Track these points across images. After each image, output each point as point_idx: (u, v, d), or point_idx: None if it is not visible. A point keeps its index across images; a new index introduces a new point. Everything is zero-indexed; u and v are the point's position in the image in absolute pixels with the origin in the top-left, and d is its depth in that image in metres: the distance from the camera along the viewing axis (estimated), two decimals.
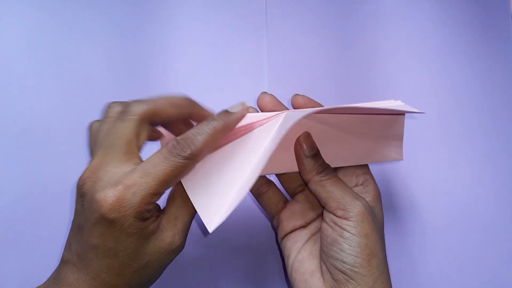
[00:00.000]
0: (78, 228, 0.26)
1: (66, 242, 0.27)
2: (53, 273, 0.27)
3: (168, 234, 0.27)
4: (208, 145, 0.26)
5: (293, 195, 0.36)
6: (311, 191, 0.32)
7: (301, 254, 0.33)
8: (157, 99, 0.28)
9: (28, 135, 0.39)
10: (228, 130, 0.27)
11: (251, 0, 0.43)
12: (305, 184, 0.32)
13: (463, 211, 0.42)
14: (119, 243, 0.25)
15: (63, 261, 0.26)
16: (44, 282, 0.27)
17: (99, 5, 0.41)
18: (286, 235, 0.34)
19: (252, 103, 0.38)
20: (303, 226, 0.34)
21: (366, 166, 0.35)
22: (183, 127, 0.31)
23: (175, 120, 0.29)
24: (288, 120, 0.28)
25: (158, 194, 0.25)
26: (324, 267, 0.31)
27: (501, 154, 0.44)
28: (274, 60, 0.42)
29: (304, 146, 0.31)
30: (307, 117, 0.29)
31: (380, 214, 0.33)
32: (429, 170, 0.42)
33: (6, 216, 0.38)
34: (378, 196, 0.33)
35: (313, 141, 0.32)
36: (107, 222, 0.24)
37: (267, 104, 0.33)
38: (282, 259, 0.39)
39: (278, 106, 0.34)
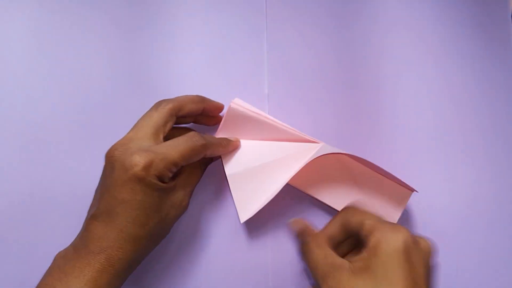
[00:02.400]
0: (106, 188, 0.31)
1: (91, 205, 0.32)
2: (79, 234, 0.31)
3: (180, 193, 0.33)
4: (214, 147, 0.35)
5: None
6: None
7: None
8: (180, 97, 0.35)
9: (28, 136, 0.39)
10: (226, 148, 0.37)
11: (251, 0, 0.43)
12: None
13: (463, 212, 0.42)
14: (147, 196, 0.30)
15: (92, 218, 0.30)
16: (72, 242, 0.31)
17: (100, 5, 0.41)
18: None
19: (252, 102, 0.39)
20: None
21: None
22: (202, 118, 0.39)
23: (195, 112, 0.36)
24: (323, 150, 0.37)
25: (178, 165, 0.32)
26: None
27: (499, 155, 0.44)
28: (274, 60, 0.42)
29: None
30: (334, 155, 0.37)
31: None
32: (426, 171, 0.43)
33: (6, 217, 0.38)
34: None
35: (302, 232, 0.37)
36: (138, 179, 0.30)
37: None
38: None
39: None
